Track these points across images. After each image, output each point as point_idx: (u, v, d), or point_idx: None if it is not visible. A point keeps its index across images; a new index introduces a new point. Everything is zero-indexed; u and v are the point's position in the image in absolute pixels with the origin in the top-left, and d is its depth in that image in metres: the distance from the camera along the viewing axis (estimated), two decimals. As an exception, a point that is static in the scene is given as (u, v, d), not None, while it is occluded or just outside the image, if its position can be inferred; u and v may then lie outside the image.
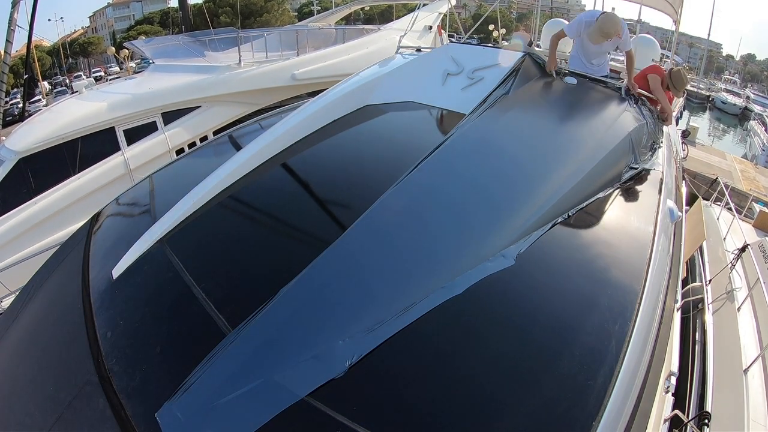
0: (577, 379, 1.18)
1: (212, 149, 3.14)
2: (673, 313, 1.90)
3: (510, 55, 3.04)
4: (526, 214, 1.70)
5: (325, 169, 2.35)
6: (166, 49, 8.00)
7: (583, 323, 1.36)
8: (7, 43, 7.61)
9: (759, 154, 19.68)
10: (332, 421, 1.07)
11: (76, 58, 48.31)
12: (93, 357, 1.39)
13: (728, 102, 34.36)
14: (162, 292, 1.62)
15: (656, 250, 1.68)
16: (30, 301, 1.95)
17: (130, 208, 2.47)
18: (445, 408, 1.12)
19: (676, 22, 4.64)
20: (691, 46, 66.24)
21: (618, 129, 2.48)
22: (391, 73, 3.18)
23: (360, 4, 14.21)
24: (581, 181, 1.94)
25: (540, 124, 2.50)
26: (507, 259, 1.50)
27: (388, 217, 1.61)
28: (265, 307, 1.31)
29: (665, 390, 1.79)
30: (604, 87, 3.16)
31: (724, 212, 6.10)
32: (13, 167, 5.16)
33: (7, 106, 16.21)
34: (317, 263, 1.42)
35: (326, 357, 1.18)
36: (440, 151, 1.95)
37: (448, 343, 1.30)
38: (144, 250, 1.76)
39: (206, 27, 11.28)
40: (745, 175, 13.43)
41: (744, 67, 70.39)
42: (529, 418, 1.11)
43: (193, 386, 1.15)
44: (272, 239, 1.92)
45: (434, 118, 2.87)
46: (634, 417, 1.19)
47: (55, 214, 5.35)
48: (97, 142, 5.83)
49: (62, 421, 1.26)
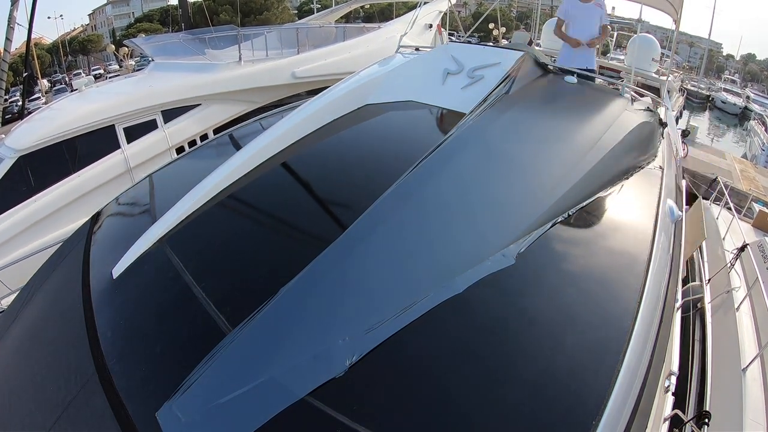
0: (577, 378, 1.18)
1: (212, 149, 3.14)
2: (673, 313, 1.90)
3: (510, 54, 3.03)
4: (527, 213, 1.71)
5: (325, 168, 2.34)
6: (166, 47, 7.98)
7: (583, 323, 1.36)
8: (6, 40, 7.61)
9: (759, 153, 19.67)
10: (332, 421, 1.07)
11: (75, 55, 48.23)
12: (93, 356, 1.39)
13: (728, 102, 34.34)
14: (162, 292, 1.62)
15: (656, 249, 1.68)
16: (30, 300, 1.95)
17: (130, 207, 2.47)
18: (445, 407, 1.12)
19: (676, 21, 4.62)
20: (691, 45, 66.15)
21: (618, 128, 2.48)
22: (391, 73, 3.18)
23: (360, 2, 14.16)
24: (581, 180, 1.94)
25: (540, 123, 2.49)
26: (507, 258, 1.50)
27: (388, 217, 1.61)
28: (265, 307, 1.31)
29: (665, 389, 1.79)
30: (603, 86, 3.16)
31: (724, 212, 6.09)
32: (12, 165, 5.15)
33: (7, 104, 16.19)
34: (317, 262, 1.42)
35: (326, 357, 1.18)
36: (440, 151, 1.95)
37: (448, 342, 1.30)
38: (144, 250, 1.76)
39: (206, 25, 11.25)
40: (745, 175, 13.43)
41: (744, 66, 70.36)
42: (530, 417, 1.11)
43: (194, 386, 1.15)
44: (272, 238, 1.92)
45: (434, 117, 2.86)
46: (634, 416, 1.19)
47: (55, 212, 5.34)
48: (96, 140, 5.81)
49: (62, 420, 1.26)
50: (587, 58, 3.83)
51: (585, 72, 3.28)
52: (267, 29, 9.22)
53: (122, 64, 14.32)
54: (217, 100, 7.10)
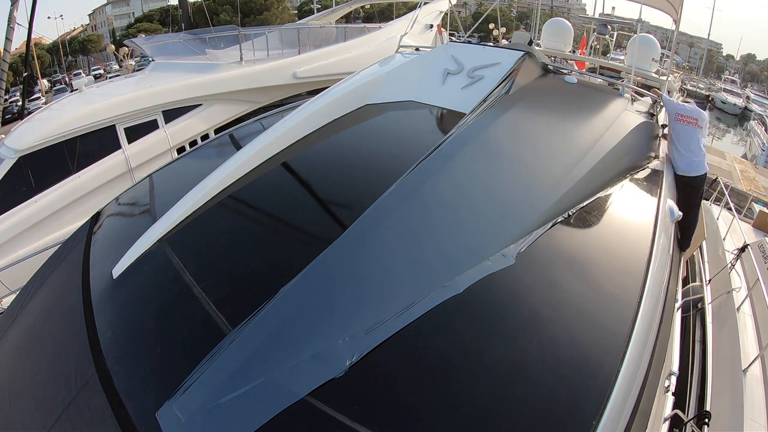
0: (577, 378, 1.18)
1: (212, 149, 3.13)
2: (673, 313, 1.90)
3: (510, 54, 3.03)
4: (527, 213, 1.71)
5: (325, 168, 2.34)
6: (167, 47, 7.98)
7: (583, 323, 1.36)
8: (6, 40, 7.61)
9: (759, 154, 19.70)
10: (332, 421, 1.07)
11: (75, 55, 48.24)
12: (93, 356, 1.39)
13: (728, 102, 34.33)
14: (162, 292, 1.62)
15: (656, 249, 1.68)
16: (30, 300, 1.95)
17: (130, 207, 2.47)
18: (445, 407, 1.12)
19: (676, 21, 4.62)
20: (691, 45, 66.12)
21: (618, 128, 2.48)
22: (391, 73, 3.18)
23: (360, 2, 14.17)
24: (581, 180, 1.94)
25: (540, 123, 2.49)
26: (507, 258, 1.50)
27: (388, 216, 1.61)
28: (266, 307, 1.31)
29: (665, 389, 1.79)
30: (603, 86, 3.16)
31: (724, 212, 6.09)
32: (13, 165, 5.15)
33: (7, 104, 16.21)
34: (317, 262, 1.42)
35: (326, 357, 1.18)
36: (440, 150, 1.95)
37: (448, 342, 1.29)
38: (144, 250, 1.76)
39: (206, 25, 11.24)
40: (745, 175, 13.45)
41: (744, 66, 70.33)
42: (530, 417, 1.11)
43: (194, 386, 1.15)
44: (272, 238, 1.92)
45: (434, 117, 2.86)
46: (634, 416, 1.19)
47: (55, 212, 5.35)
48: (97, 140, 5.81)
49: (62, 420, 1.26)
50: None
51: (584, 72, 3.28)
52: (268, 29, 9.23)
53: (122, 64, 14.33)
54: (218, 100, 7.10)
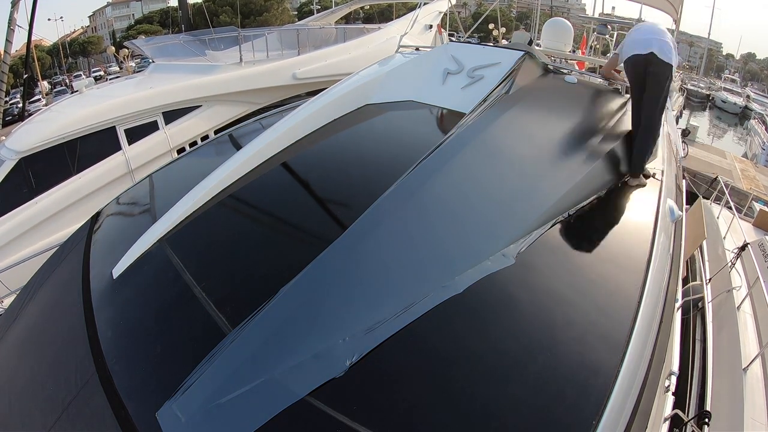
0: (577, 378, 1.18)
1: (212, 148, 3.14)
2: (673, 313, 1.90)
3: (510, 54, 3.03)
4: (527, 213, 1.71)
5: (325, 168, 2.34)
6: (167, 49, 7.99)
7: (583, 322, 1.36)
8: (6, 42, 7.62)
9: (759, 153, 19.67)
10: (332, 421, 1.07)
11: (75, 57, 48.31)
12: (93, 356, 1.39)
13: (728, 101, 34.29)
14: (162, 292, 1.62)
15: (656, 249, 1.67)
16: (30, 300, 1.95)
17: (130, 207, 2.47)
18: (445, 407, 1.12)
19: (676, 21, 4.62)
20: (691, 45, 66.09)
21: (618, 128, 2.48)
22: (391, 73, 3.18)
23: (360, 3, 14.18)
24: (581, 180, 1.94)
25: (540, 122, 2.49)
26: (507, 258, 1.50)
27: (388, 216, 1.61)
28: (266, 307, 1.31)
29: (665, 389, 1.79)
30: (603, 86, 3.16)
31: (724, 211, 6.09)
32: (13, 167, 5.15)
33: (7, 105, 16.21)
34: (317, 262, 1.42)
35: (326, 357, 1.18)
36: (440, 151, 1.95)
37: (448, 342, 1.29)
38: (144, 250, 1.76)
39: (206, 26, 11.25)
40: (745, 174, 13.44)
41: (744, 65, 70.31)
42: (530, 417, 1.11)
43: (194, 386, 1.15)
44: (272, 238, 1.92)
45: (434, 117, 2.86)
46: (634, 416, 1.19)
47: (55, 213, 5.34)
48: (97, 141, 5.81)
49: (62, 420, 1.26)
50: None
51: (584, 72, 3.28)
52: (268, 30, 9.23)
53: (122, 65, 14.32)
54: (218, 101, 7.11)
